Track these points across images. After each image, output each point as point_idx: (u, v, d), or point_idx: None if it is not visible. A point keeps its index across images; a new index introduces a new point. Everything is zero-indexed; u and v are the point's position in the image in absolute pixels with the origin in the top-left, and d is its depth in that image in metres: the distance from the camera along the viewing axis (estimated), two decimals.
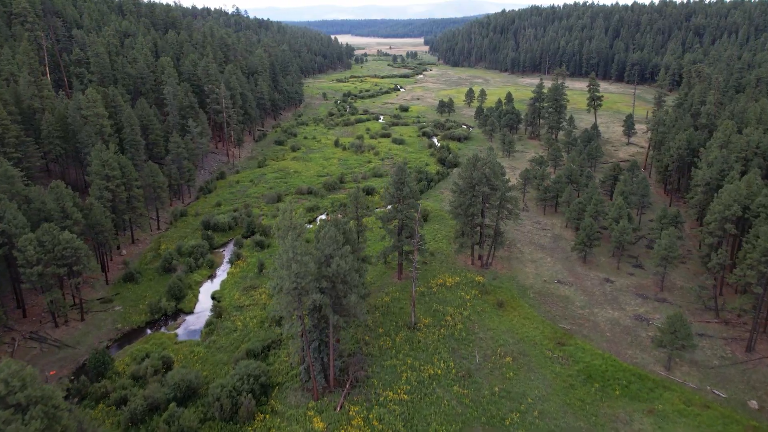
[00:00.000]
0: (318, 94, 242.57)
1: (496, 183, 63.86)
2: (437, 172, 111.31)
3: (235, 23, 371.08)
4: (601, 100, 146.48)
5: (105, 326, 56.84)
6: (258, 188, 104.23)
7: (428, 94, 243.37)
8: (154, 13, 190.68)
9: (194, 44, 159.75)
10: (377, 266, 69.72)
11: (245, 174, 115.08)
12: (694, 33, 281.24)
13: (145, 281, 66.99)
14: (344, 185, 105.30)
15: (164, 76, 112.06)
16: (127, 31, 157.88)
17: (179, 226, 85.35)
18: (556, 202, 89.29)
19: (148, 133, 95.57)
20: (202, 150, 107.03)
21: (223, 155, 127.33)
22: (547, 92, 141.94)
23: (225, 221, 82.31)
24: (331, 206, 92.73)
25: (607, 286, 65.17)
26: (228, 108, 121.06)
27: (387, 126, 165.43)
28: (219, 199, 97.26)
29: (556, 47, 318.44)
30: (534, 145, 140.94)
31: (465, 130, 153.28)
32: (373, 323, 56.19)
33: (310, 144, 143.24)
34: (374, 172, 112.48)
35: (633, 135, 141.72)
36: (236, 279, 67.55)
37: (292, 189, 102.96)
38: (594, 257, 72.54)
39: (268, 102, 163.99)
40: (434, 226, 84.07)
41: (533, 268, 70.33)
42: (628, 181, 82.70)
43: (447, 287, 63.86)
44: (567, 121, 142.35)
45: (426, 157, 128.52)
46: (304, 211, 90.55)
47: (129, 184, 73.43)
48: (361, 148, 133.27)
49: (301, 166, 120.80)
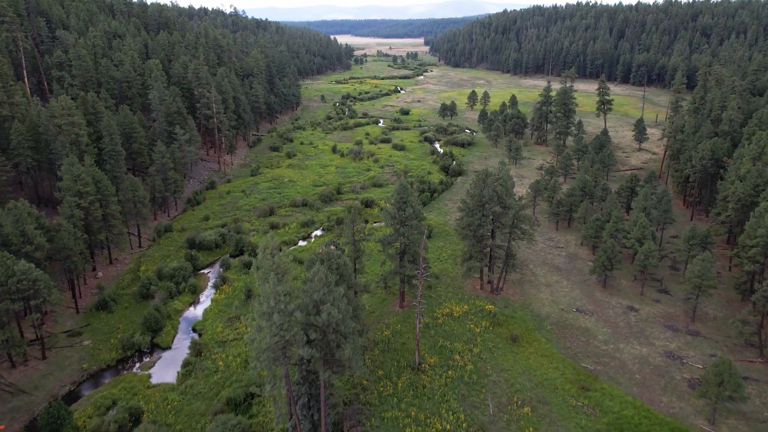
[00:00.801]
0: (316, 96, 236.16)
1: (508, 201, 57.42)
2: (440, 182, 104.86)
3: (232, 23, 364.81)
4: (611, 104, 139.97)
5: (70, 366, 50.39)
6: (250, 200, 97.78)
7: (429, 96, 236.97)
8: (147, 13, 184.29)
9: (186, 46, 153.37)
10: (377, 292, 63.27)
11: (237, 183, 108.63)
12: (701, 33, 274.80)
13: (120, 309, 60.55)
14: (342, 196, 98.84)
15: (151, 79, 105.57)
16: (117, 32, 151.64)
17: (163, 244, 78.89)
18: (569, 216, 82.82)
19: (131, 141, 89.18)
20: (191, 159, 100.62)
21: (214, 163, 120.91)
22: (555, 96, 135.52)
23: (211, 239, 75.84)
24: (327, 221, 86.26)
25: (631, 316, 58.73)
26: (219, 113, 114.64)
27: (387, 130, 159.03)
28: (207, 212, 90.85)
29: (559, 48, 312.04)
30: (541, 152, 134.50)
31: (468, 135, 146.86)
32: (372, 363, 49.76)
33: (307, 150, 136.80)
34: (374, 182, 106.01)
35: (645, 140, 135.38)
36: (220, 307, 61.09)
37: (286, 201, 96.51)
38: (614, 280, 66.11)
39: (263, 105, 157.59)
40: (438, 243, 77.62)
41: (548, 293, 63.89)
42: (648, 194, 76.25)
43: (454, 318, 57.42)
44: (576, 125, 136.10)
45: (428, 164, 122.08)
46: (298, 226, 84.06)
47: (105, 201, 67.01)
48: (360, 154, 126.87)
49: (296, 174, 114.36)
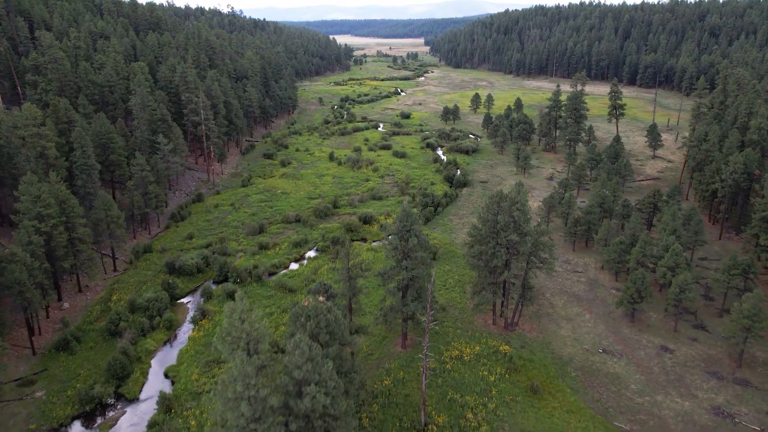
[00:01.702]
0: (314, 98, 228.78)
1: (526, 228, 50.12)
2: (445, 194, 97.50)
3: (229, 24, 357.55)
4: (624, 109, 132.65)
5: (14, 427, 43.03)
6: (239, 214, 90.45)
7: (431, 99, 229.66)
8: (137, 13, 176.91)
9: (177, 47, 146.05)
10: (376, 330, 55.86)
11: (226, 195, 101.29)
12: (709, 33, 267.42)
13: (84, 350, 53.23)
14: (338, 210, 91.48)
15: (134, 83, 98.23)
16: (104, 33, 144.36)
17: (141, 267, 71.54)
18: (587, 236, 75.45)
19: (109, 152, 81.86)
20: (175, 170, 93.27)
21: (203, 172, 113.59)
22: (564, 100, 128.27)
23: (193, 263, 68.41)
24: (321, 239, 78.88)
25: (666, 359, 51.44)
26: (208, 119, 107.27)
27: (387, 136, 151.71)
28: (192, 230, 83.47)
29: (563, 48, 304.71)
30: (550, 159, 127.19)
31: (473, 141, 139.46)
32: (371, 423, 42.47)
33: (303, 157, 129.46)
34: (373, 194, 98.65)
35: (659, 147, 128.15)
36: (198, 347, 53.76)
37: (278, 216, 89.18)
38: (643, 313, 58.85)
39: (257, 110, 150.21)
40: (444, 267, 70.30)
41: (570, 329, 56.60)
42: (676, 213, 69.01)
43: (464, 362, 50.11)
44: (586, 131, 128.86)
45: (431, 173, 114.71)
46: (290, 246, 76.71)
47: (71, 223, 59.73)
48: (358, 163, 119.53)
49: (290, 185, 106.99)
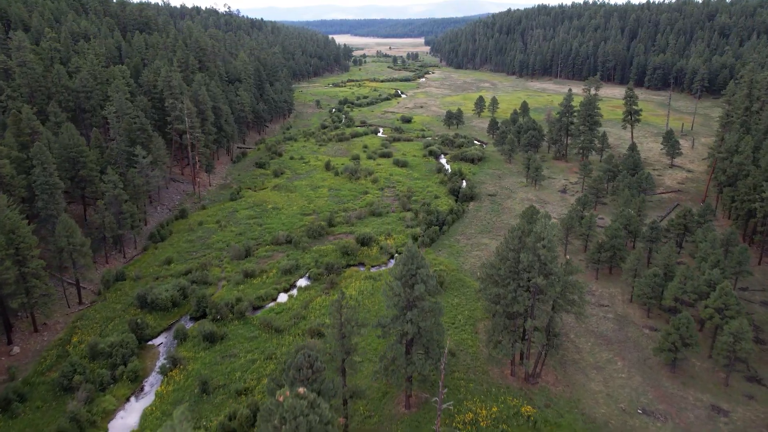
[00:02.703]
0: (311, 101, 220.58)
1: (555, 269, 42.00)
2: (450, 211, 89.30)
3: (225, 23, 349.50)
4: (639, 115, 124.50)
5: None
6: (225, 234, 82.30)
7: (432, 101, 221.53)
8: (125, 12, 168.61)
9: (164, 48, 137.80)
10: (374, 384, 47.64)
11: (213, 210, 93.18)
12: (719, 33, 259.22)
13: (30, 410, 45.04)
14: (333, 230, 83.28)
15: (111, 89, 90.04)
16: (87, 33, 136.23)
17: (110, 299, 63.42)
18: (612, 262, 67.27)
19: (78, 167, 73.68)
20: (155, 184, 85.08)
21: (189, 184, 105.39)
22: (577, 106, 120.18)
23: (167, 296, 60.22)
24: (314, 265, 70.68)
25: (720, 423, 43.32)
26: (194, 128, 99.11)
27: (387, 142, 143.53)
28: (172, 253, 75.36)
29: (568, 49, 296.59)
30: (561, 169, 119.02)
31: (478, 149, 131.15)
32: None
33: (297, 166, 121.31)
34: (372, 209, 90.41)
35: (678, 155, 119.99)
36: (165, 406, 45.55)
37: (268, 236, 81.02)
38: (685, 361, 50.72)
39: (249, 115, 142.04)
40: (452, 300, 62.13)
41: (601, 381, 48.48)
42: (716, 241, 60.92)
43: (480, 428, 42.00)
44: (600, 138, 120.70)
45: (434, 185, 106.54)
46: (279, 273, 68.48)
47: (21, 256, 51.60)
48: (356, 173, 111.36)
49: (282, 198, 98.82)
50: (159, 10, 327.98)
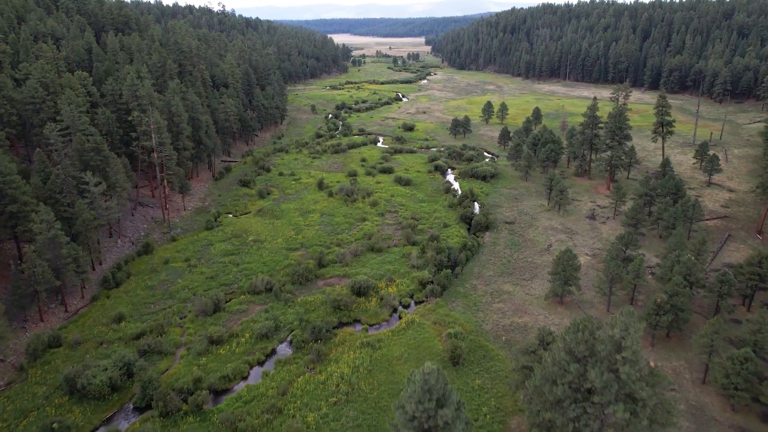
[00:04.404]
0: (306, 106, 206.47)
1: (641, 391, 28.09)
2: (464, 246, 75.21)
3: (219, 23, 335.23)
4: (673, 126, 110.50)
5: None
6: (193, 277, 68.34)
7: (435, 106, 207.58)
8: (103, 11, 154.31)
9: (139, 51, 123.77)
10: None
11: (184, 243, 79.25)
12: (737, 33, 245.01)
13: None
14: (324, 272, 69.21)
15: (62, 101, 76.05)
16: (54, 33, 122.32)
17: (35, 377, 49.48)
18: (670, 326, 53.23)
19: (7, 201, 59.76)
20: (112, 216, 71.02)
21: (159, 208, 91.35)
22: (606, 118, 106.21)
23: (103, 380, 46.21)
24: (298, 325, 56.72)
25: None
26: (163, 144, 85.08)
27: (388, 155, 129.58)
28: (125, 306, 61.41)
29: (577, 49, 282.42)
30: (585, 188, 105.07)
31: (490, 165, 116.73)
32: None
33: (286, 185, 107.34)
34: (371, 243, 76.31)
35: (716, 172, 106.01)
36: None
37: (244, 280, 67.02)
38: None
39: (235, 125, 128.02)
40: (473, 381, 48.06)
41: None
42: None
43: None
44: (627, 153, 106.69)
45: (443, 209, 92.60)
46: (253, 339, 54.48)
47: None
48: (352, 194, 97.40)
49: (266, 227, 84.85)
50: (149, 8, 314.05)
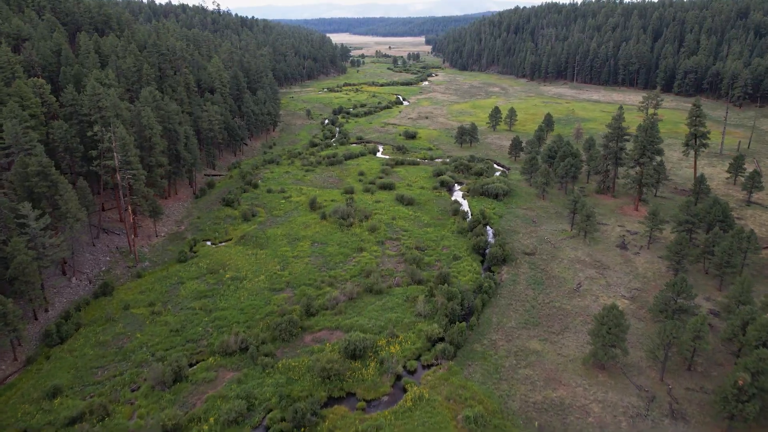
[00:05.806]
0: (302, 110, 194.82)
1: None
2: (480, 288, 63.52)
3: (213, 22, 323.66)
4: (707, 138, 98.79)
5: None
6: (155, 328, 56.68)
7: (438, 110, 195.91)
8: (80, 9, 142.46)
9: (113, 54, 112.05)
10: None
11: (150, 281, 67.54)
12: (754, 33, 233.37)
13: None
14: (312, 323, 57.48)
15: (2, 115, 64.31)
16: (20, 34, 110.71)
17: None
18: (757, 417, 41.60)
19: None
20: (54, 257, 59.18)
21: (126, 235, 79.57)
22: (636, 132, 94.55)
23: None
24: (278, 404, 45.05)
25: None
26: (129, 163, 73.31)
27: (388, 167, 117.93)
28: (65, 372, 49.75)
29: (585, 50, 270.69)
30: (610, 207, 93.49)
31: (502, 180, 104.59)
32: None
33: (274, 204, 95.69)
34: (369, 283, 64.47)
35: (757, 189, 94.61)
36: None
37: (215, 334, 55.25)
38: None
39: (219, 135, 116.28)
40: None
41: None
42: None
43: None
44: (657, 168, 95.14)
45: (451, 236, 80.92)
46: (221, 425, 42.74)
47: None
48: (348, 218, 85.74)
49: (247, 260, 73.09)
50: (140, 7, 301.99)
